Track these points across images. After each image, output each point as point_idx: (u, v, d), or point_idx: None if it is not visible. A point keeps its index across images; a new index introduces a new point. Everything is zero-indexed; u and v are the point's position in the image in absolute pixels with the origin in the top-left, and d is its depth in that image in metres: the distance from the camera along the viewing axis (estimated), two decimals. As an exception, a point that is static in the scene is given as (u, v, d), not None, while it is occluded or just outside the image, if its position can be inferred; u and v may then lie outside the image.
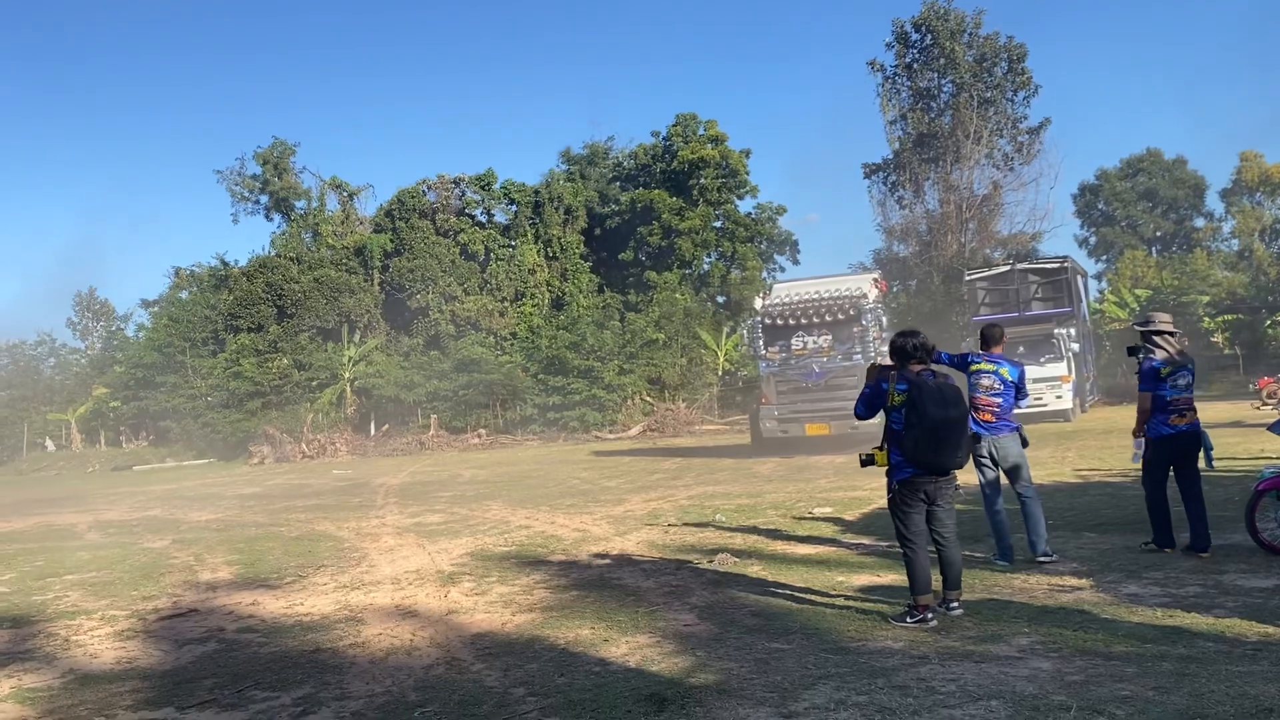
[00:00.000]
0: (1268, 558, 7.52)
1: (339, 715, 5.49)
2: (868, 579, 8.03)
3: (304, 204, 49.04)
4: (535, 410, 38.44)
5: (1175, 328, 8.66)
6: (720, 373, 40.22)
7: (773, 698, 5.12)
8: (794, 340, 21.55)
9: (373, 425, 40.36)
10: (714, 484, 16.83)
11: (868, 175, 45.76)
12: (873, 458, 6.75)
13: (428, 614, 7.93)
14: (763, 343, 21.88)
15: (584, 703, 5.30)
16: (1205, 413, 9.11)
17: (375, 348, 43.34)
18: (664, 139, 47.90)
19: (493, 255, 45.56)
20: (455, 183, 47.97)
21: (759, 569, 8.76)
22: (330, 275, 43.42)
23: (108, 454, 43.37)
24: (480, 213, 48.34)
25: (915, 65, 44.36)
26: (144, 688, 6.37)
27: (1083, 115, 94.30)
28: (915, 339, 6.58)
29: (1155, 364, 8.30)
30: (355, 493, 20.72)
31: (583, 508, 14.68)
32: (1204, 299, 41.24)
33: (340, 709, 5.59)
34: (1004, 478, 8.39)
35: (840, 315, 21.11)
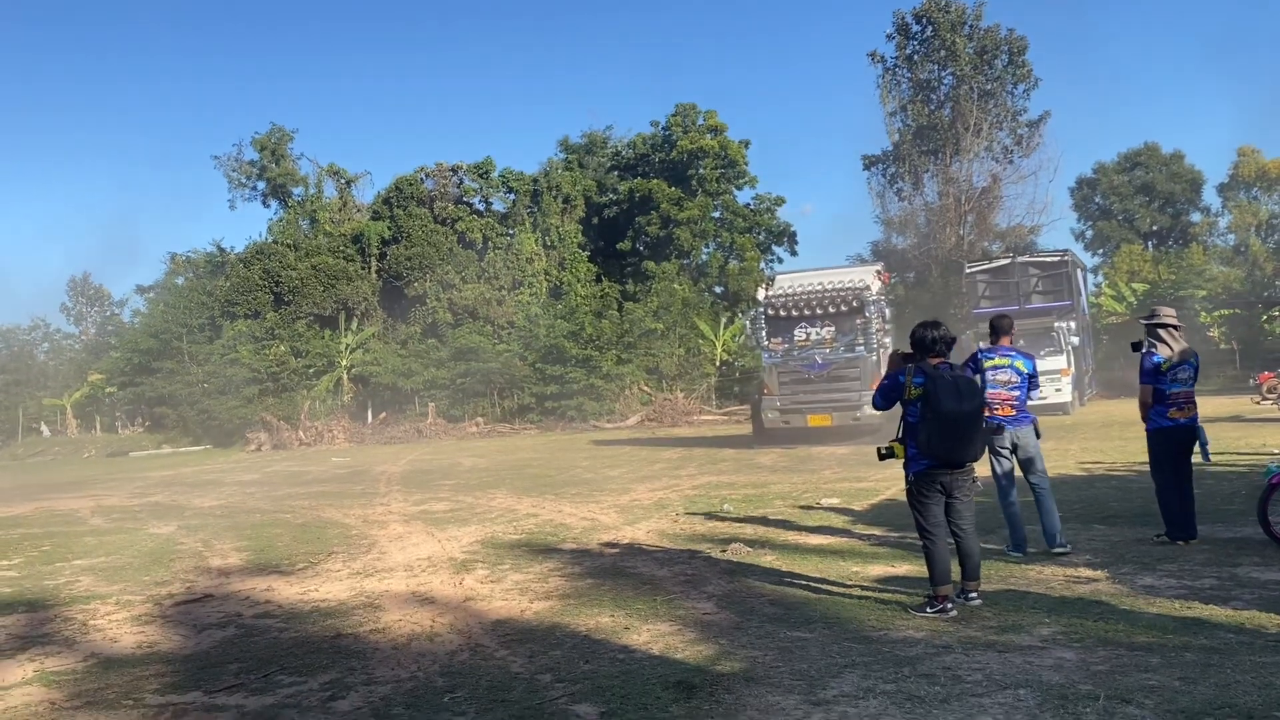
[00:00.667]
0: (1280, 551, 7.59)
1: (368, 700, 5.52)
2: (883, 569, 8.07)
3: (301, 191, 48.95)
4: (533, 399, 38.47)
5: (1179, 322, 8.73)
6: (718, 363, 40.27)
7: (800, 685, 5.17)
8: (797, 331, 21.57)
9: (370, 413, 40.36)
10: (717, 474, 16.88)
11: (867, 167, 45.79)
12: (891, 450, 6.79)
13: (445, 601, 7.97)
14: (765, 333, 21.88)
15: (612, 689, 5.34)
16: (1204, 407, 9.17)
17: (372, 335, 43.34)
18: (663, 129, 47.86)
19: (490, 244, 45.52)
20: (453, 171, 47.92)
21: (772, 559, 8.81)
22: (328, 262, 43.36)
23: (103, 440, 43.33)
24: (478, 201, 48.33)
25: (916, 57, 44.31)
26: (168, 671, 6.40)
27: (1081, 108, 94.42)
28: (936, 331, 6.61)
29: (1157, 358, 8.38)
30: (356, 480, 20.73)
31: (589, 496, 14.72)
32: (1200, 293, 41.37)
33: (369, 694, 5.62)
34: (1017, 469, 8.45)
35: (843, 307, 21.10)
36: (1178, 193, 61.31)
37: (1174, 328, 8.48)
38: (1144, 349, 8.59)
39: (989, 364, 8.33)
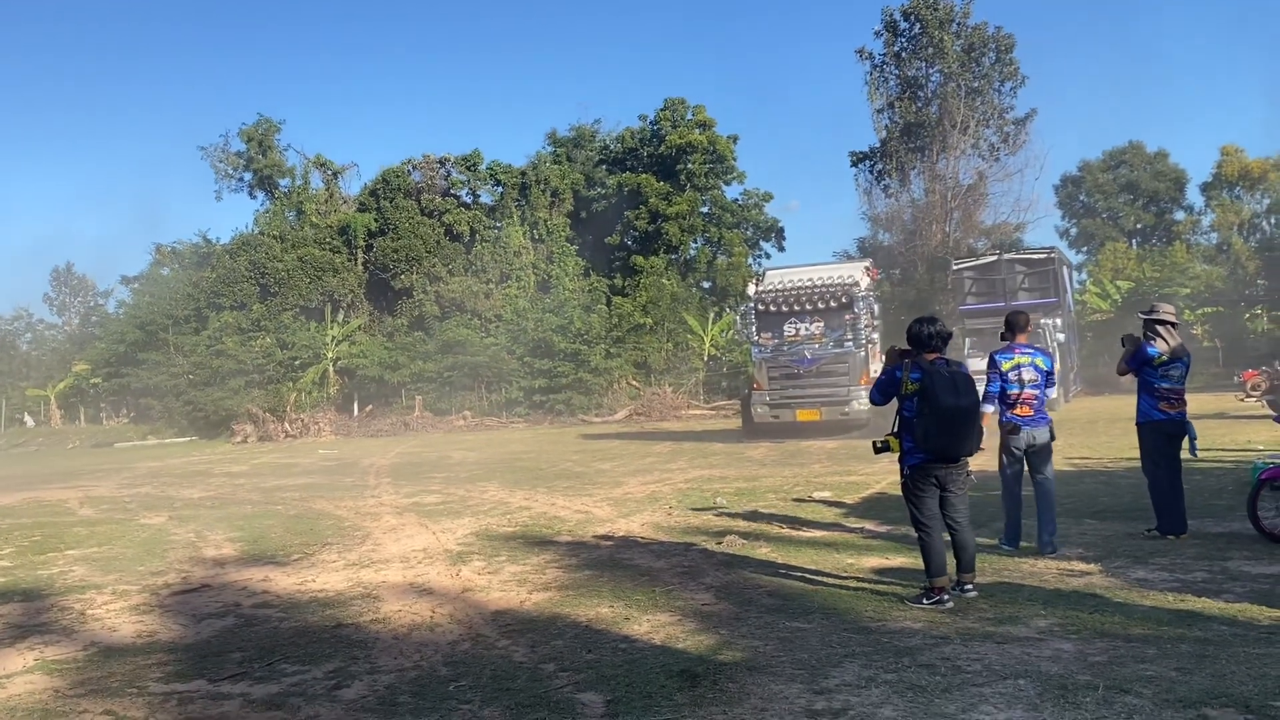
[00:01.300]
0: (1270, 545, 7.70)
1: (372, 688, 5.56)
2: (878, 561, 8.16)
3: (288, 182, 48.76)
4: (521, 393, 38.47)
5: (1177, 319, 8.84)
6: (706, 358, 40.35)
7: (802, 675, 5.24)
8: (786, 326, 21.66)
9: (356, 406, 40.27)
10: (709, 468, 16.95)
11: (854, 163, 45.88)
12: (887, 444, 6.86)
13: (443, 592, 8.01)
14: (755, 329, 21.97)
15: (616, 678, 5.40)
16: (1189, 404, 9.24)
17: (359, 328, 43.22)
18: (652, 123, 47.85)
19: (478, 236, 45.44)
20: (441, 163, 47.77)
21: (768, 551, 8.89)
22: (314, 254, 43.21)
23: (88, 430, 43.11)
24: (466, 193, 48.20)
25: (904, 54, 44.39)
26: (170, 660, 6.42)
27: (1067, 106, 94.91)
28: (933, 327, 6.68)
29: (1152, 350, 8.49)
30: (345, 472, 20.72)
31: (581, 490, 14.77)
32: (1184, 291, 41.69)
33: (373, 682, 5.66)
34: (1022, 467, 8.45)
35: (833, 302, 21.23)
36: (1162, 191, 61.76)
37: (1171, 325, 8.59)
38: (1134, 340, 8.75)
39: (1008, 365, 8.14)
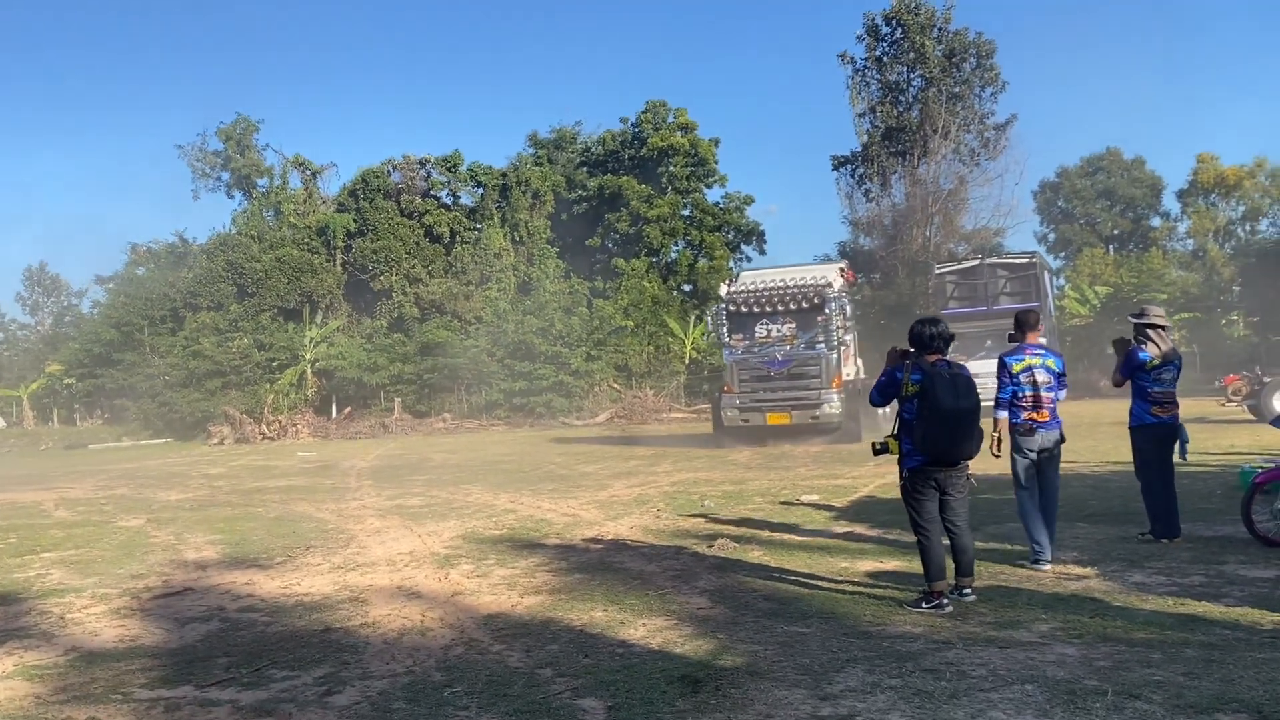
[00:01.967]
0: (1265, 549, 7.69)
1: (365, 694, 5.42)
2: (872, 565, 8.09)
3: (266, 182, 48.38)
4: (501, 395, 38.29)
5: (1167, 323, 8.84)
6: (687, 361, 40.31)
7: (805, 680, 5.15)
8: (758, 328, 21.39)
9: (334, 407, 39.97)
10: (693, 470, 16.87)
11: (836, 167, 46.04)
12: (886, 446, 6.80)
13: (432, 595, 7.87)
14: (727, 330, 21.66)
15: (615, 683, 5.29)
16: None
17: (337, 329, 42.90)
18: (633, 125, 47.81)
19: (458, 238, 45.24)
20: (421, 164, 47.54)
21: (760, 554, 8.80)
22: (292, 255, 42.87)
23: (61, 432, 42.58)
24: (446, 194, 47.99)
25: (885, 59, 44.61)
26: (155, 665, 6.26)
27: (1046, 112, 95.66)
28: (935, 327, 6.62)
29: (1144, 355, 8.47)
30: (325, 475, 20.51)
31: (566, 492, 14.65)
32: (1161, 297, 42.03)
33: (365, 688, 5.53)
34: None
35: (804, 304, 20.98)
36: (1138, 197, 62.32)
37: (1162, 328, 8.58)
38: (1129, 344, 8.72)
39: (1019, 366, 7.75)
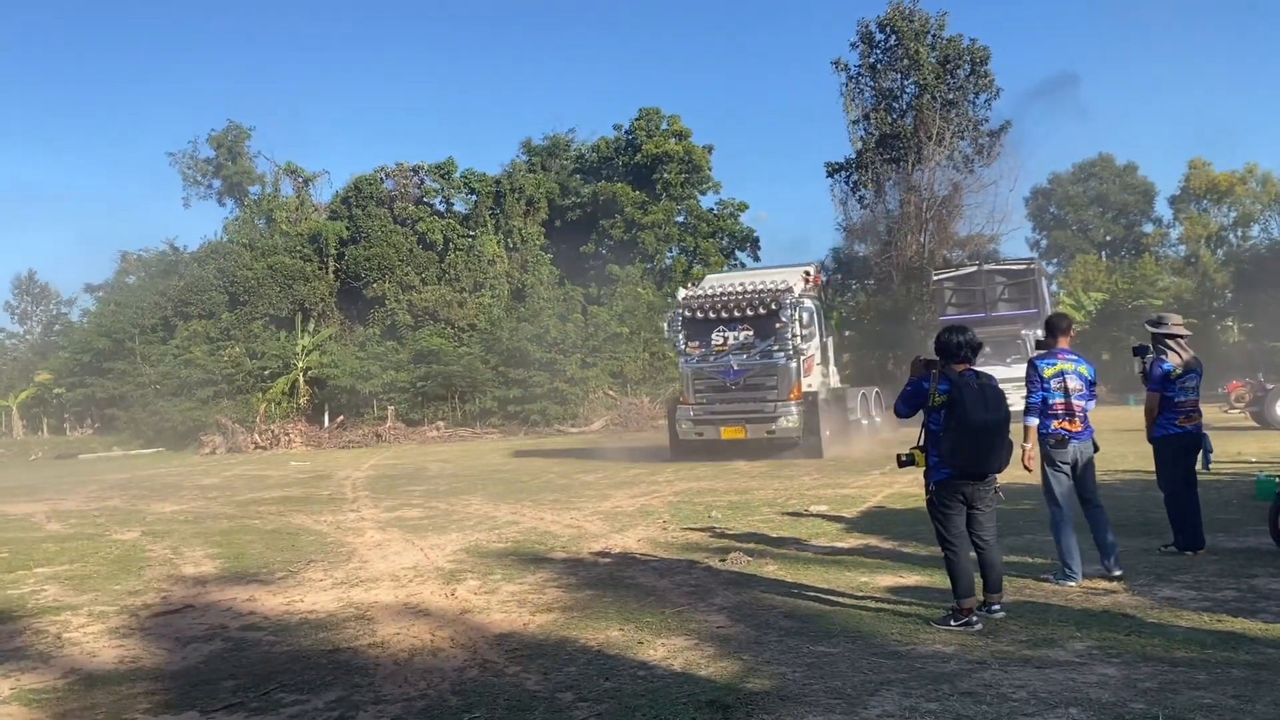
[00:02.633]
0: (1293, 562, 7.53)
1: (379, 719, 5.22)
2: (891, 580, 7.90)
3: (258, 189, 48.18)
4: (495, 403, 38.03)
5: (1186, 330, 8.68)
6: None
7: (839, 705, 4.95)
8: (714, 335, 20.11)
9: (327, 416, 39.63)
10: (695, 480, 16.65)
11: (830, 174, 45.85)
12: (912, 458, 6.59)
13: (440, 613, 7.65)
14: (683, 337, 20.41)
15: (641, 709, 5.08)
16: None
17: (330, 337, 42.59)
18: (627, 132, 47.69)
19: (452, 245, 45.02)
20: (414, 171, 47.37)
21: (775, 569, 8.60)
22: (284, 262, 42.58)
23: (51, 442, 42.15)
24: (439, 202, 47.82)
25: (879, 66, 44.47)
26: (157, 689, 6.03)
27: (1038, 118, 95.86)
28: (962, 336, 6.43)
29: (1166, 366, 8.33)
30: (320, 485, 20.24)
31: (568, 503, 14.43)
32: (1156, 303, 42.04)
33: (379, 713, 5.31)
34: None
35: (761, 309, 19.65)
36: (1131, 204, 62.47)
37: (1181, 337, 8.43)
38: (1149, 355, 8.56)
39: (1050, 371, 7.48)
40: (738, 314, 19.89)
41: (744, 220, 48.93)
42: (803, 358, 19.76)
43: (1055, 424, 7.48)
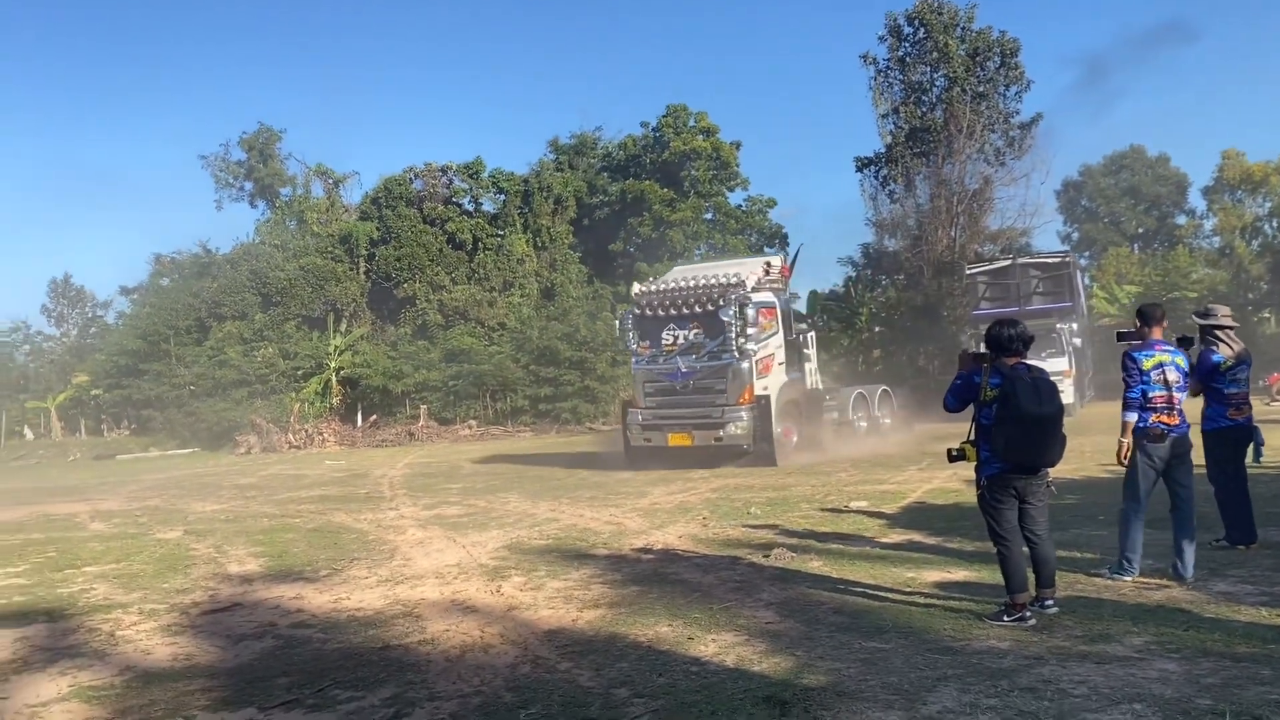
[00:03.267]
0: (1350, 556, 7.42)
1: (435, 717, 5.24)
2: (939, 575, 7.85)
3: (289, 191, 48.52)
4: (527, 401, 38.09)
5: (1234, 321, 8.57)
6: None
7: (898, 700, 4.93)
8: (665, 334, 18.81)
9: (360, 415, 39.86)
10: (732, 477, 16.61)
11: (859, 168, 45.58)
12: (963, 452, 6.54)
13: (487, 609, 7.69)
14: (633, 335, 19.31)
15: (697, 705, 5.08)
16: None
17: (361, 337, 42.83)
18: (654, 130, 47.64)
19: (481, 245, 45.14)
20: (443, 171, 47.53)
21: (820, 565, 8.57)
22: (316, 263, 42.86)
23: (89, 443, 42.63)
24: (468, 201, 47.96)
25: (908, 59, 44.18)
26: (213, 686, 6.09)
27: (1070, 110, 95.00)
28: (1014, 329, 6.37)
29: (1216, 358, 8.22)
30: (357, 484, 20.37)
31: (605, 500, 14.45)
32: (1191, 295, 41.52)
33: (435, 710, 5.34)
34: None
35: (709, 305, 18.26)
36: (1163, 195, 61.74)
37: (1229, 328, 8.32)
38: (1195, 347, 8.44)
39: (1150, 363, 7.20)
40: (686, 311, 18.59)
41: (773, 216, 48.80)
42: (756, 358, 18.13)
43: (1154, 418, 7.20)
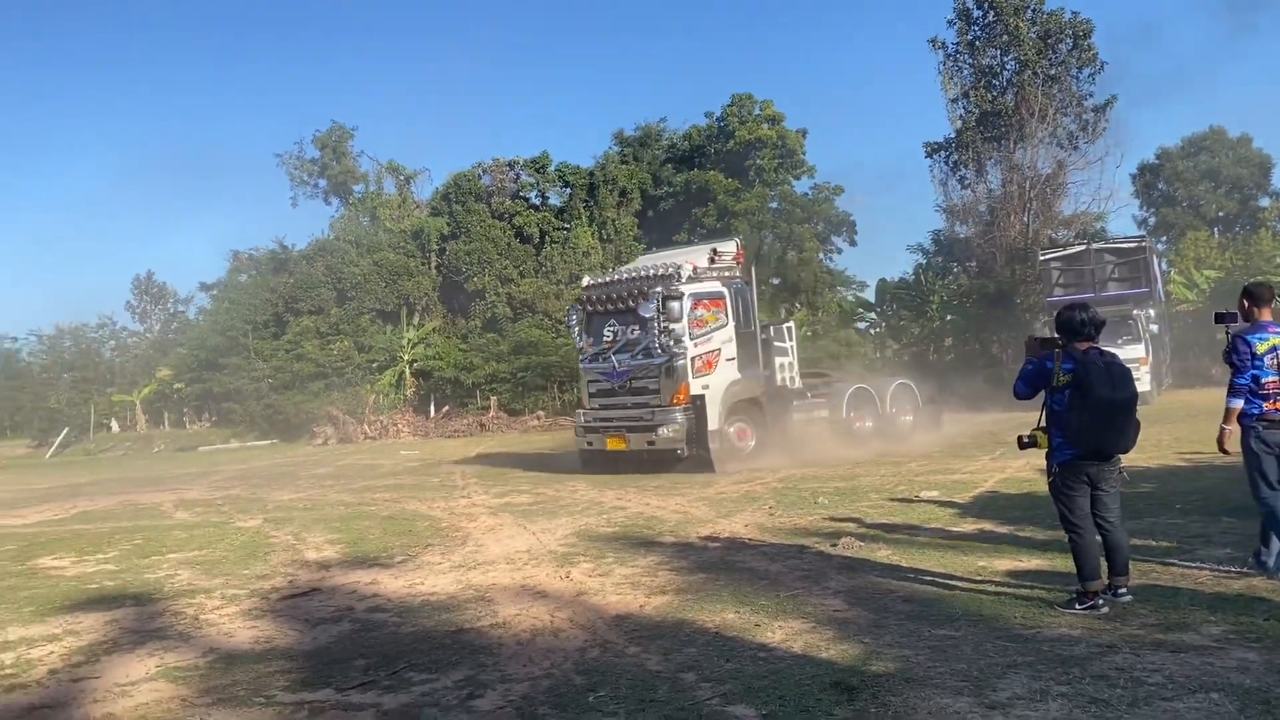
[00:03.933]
0: None
1: (507, 698, 5.35)
2: (1010, 564, 7.76)
3: (362, 188, 49.29)
4: (594, 392, 38.29)
5: None
6: (778, 355, 39.80)
7: (967, 687, 4.91)
8: (605, 330, 17.75)
9: (432, 407, 40.49)
10: (798, 467, 16.51)
11: (929, 154, 44.89)
12: (1034, 439, 6.44)
13: (557, 595, 7.80)
14: (578, 331, 18.56)
15: (765, 690, 5.11)
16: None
17: (433, 330, 43.47)
18: (719, 120, 47.49)
19: (547, 238, 45.47)
20: (510, 166, 47.93)
21: (888, 554, 8.53)
22: (389, 258, 43.55)
23: (172, 435, 43.99)
24: (535, 195, 48.29)
25: (978, 43, 43.42)
26: (292, 668, 6.28)
27: (1145, 92, 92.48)
28: (1085, 313, 6.27)
29: None
30: (430, 473, 20.72)
31: (672, 489, 14.51)
32: (1276, 279, 40.18)
33: (507, 691, 5.46)
34: None
35: (642, 300, 16.98)
36: (1245, 177, 59.73)
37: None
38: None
39: (1264, 346, 6.78)
40: (623, 306, 17.40)
41: (840, 204, 48.35)
42: (695, 354, 16.73)
43: (1267, 405, 6.84)
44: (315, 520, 13.63)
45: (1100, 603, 6.14)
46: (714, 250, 18.42)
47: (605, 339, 17.70)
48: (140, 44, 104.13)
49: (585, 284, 19.14)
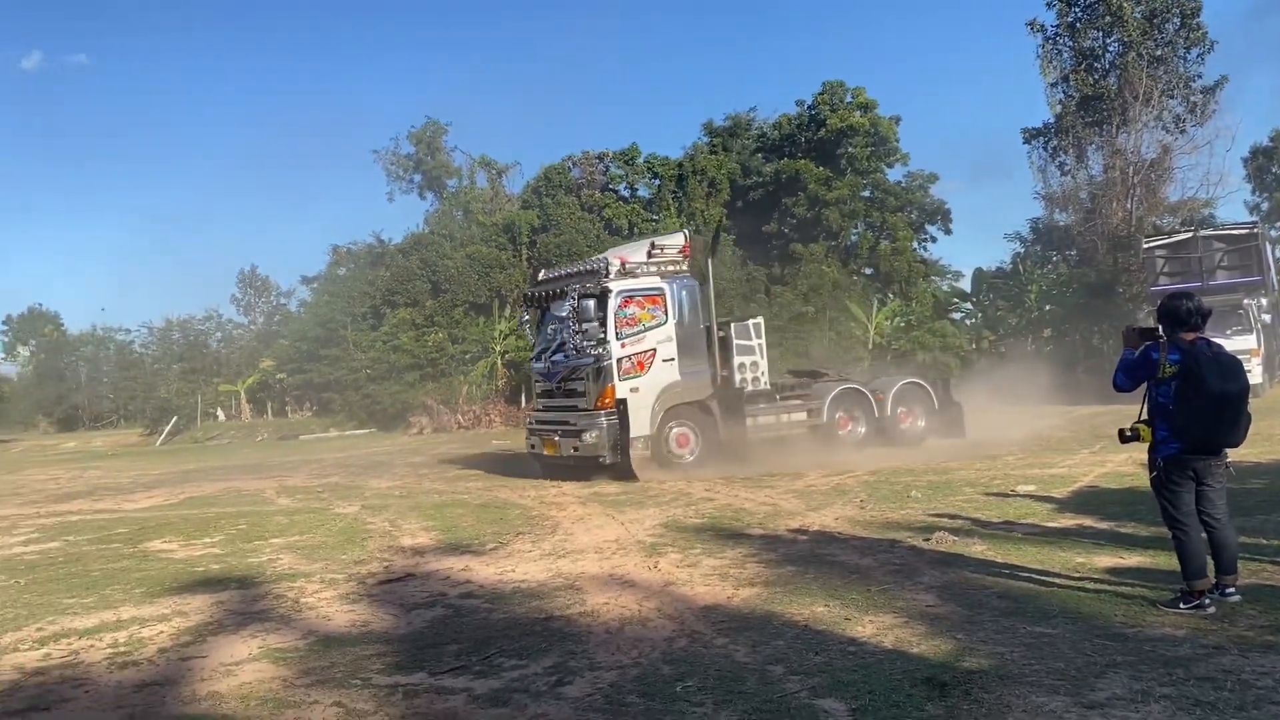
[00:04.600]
0: None
1: (595, 686, 5.40)
2: (1111, 561, 7.54)
3: (455, 182, 50.12)
4: (682, 383, 38.30)
5: None
6: (871, 346, 39.29)
7: (1064, 686, 4.80)
8: (548, 328, 17.07)
9: (524, 398, 40.98)
10: (891, 459, 16.26)
11: (1027, 140, 43.74)
12: (1137, 433, 6.23)
13: (645, 584, 7.84)
14: (529, 329, 17.99)
15: (854, 684, 5.07)
16: None
17: (524, 322, 43.98)
18: (810, 108, 46.99)
19: (636, 230, 45.57)
20: (599, 158, 48.22)
21: (983, 549, 8.35)
22: (481, 252, 44.19)
23: (274, 424, 45.34)
24: (624, 187, 48.47)
25: (1078, 25, 42.09)
26: (388, 651, 6.44)
27: (1260, 72, 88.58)
28: (1190, 302, 6.04)
29: None
30: (522, 463, 20.95)
31: (759, 480, 14.43)
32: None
33: (595, 679, 5.51)
34: None
35: (558, 298, 16.25)
36: (1369, 159, 56.84)
37: None
38: None
39: None
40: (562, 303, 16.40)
41: (935, 192, 47.44)
42: (624, 354, 15.71)
43: None
44: (410, 508, 13.93)
45: (1206, 602, 5.93)
46: (652, 244, 16.99)
47: (549, 337, 16.98)
48: (248, 44, 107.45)
49: (539, 278, 18.31)
